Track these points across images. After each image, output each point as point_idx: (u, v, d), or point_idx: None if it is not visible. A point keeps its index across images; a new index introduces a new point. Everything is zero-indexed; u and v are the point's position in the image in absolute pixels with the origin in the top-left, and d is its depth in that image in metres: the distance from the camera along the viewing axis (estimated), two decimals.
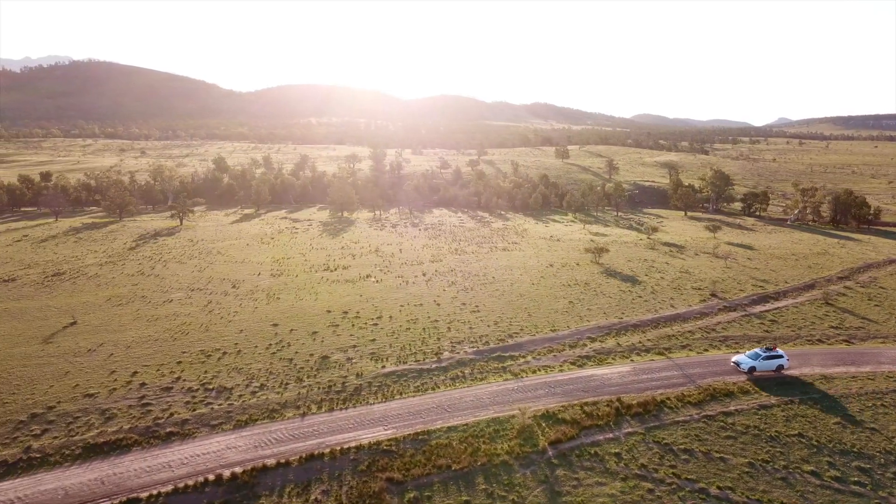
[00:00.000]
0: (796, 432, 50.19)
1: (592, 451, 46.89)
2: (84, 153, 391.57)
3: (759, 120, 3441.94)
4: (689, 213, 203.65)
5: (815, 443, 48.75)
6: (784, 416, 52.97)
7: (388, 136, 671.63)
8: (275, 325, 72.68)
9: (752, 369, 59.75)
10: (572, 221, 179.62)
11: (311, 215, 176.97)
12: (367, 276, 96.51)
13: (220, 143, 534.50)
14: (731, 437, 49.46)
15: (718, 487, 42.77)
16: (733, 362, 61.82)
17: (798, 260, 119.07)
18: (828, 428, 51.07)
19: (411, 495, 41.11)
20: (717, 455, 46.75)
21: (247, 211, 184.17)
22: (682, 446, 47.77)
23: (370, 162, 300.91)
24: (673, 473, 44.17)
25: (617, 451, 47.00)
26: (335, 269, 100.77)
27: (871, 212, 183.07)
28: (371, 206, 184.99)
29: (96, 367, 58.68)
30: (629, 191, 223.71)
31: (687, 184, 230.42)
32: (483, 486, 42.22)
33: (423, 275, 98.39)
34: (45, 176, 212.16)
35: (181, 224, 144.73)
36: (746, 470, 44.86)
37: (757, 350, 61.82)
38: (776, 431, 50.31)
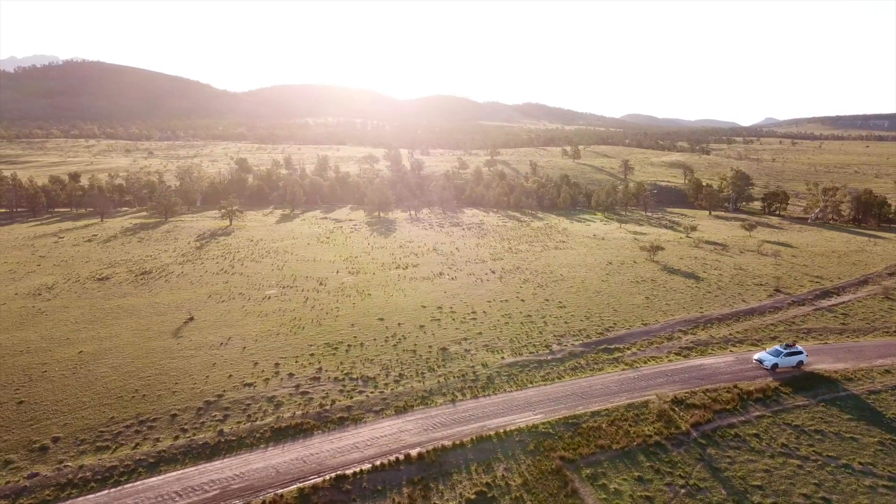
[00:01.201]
0: None
1: (732, 433, 50.68)
2: (91, 154, 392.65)
3: (746, 120, 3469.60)
4: (713, 213, 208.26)
5: None
6: (895, 400, 56.95)
7: (386, 137, 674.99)
8: (381, 319, 76.06)
9: (776, 366, 61.70)
10: (605, 220, 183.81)
11: (348, 215, 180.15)
12: (440, 274, 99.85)
13: (224, 144, 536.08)
14: (853, 419, 53.38)
15: (860, 463, 46.63)
16: (756, 359, 63.59)
17: (840, 257, 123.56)
18: None
19: (587, 472, 44.83)
20: (848, 435, 50.70)
21: (282, 211, 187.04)
22: (811, 427, 51.69)
23: (387, 163, 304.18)
24: (814, 451, 48.06)
25: (754, 432, 50.84)
26: (406, 268, 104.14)
27: (893, 211, 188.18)
28: (406, 206, 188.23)
29: (238, 359, 61.89)
30: (649, 190, 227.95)
31: (705, 183, 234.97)
32: (648, 464, 45.94)
33: (493, 272, 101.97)
34: (74, 177, 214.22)
35: (231, 224, 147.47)
36: (879, 448, 48.79)
37: (777, 347, 63.78)
38: (893, 413, 54.25)
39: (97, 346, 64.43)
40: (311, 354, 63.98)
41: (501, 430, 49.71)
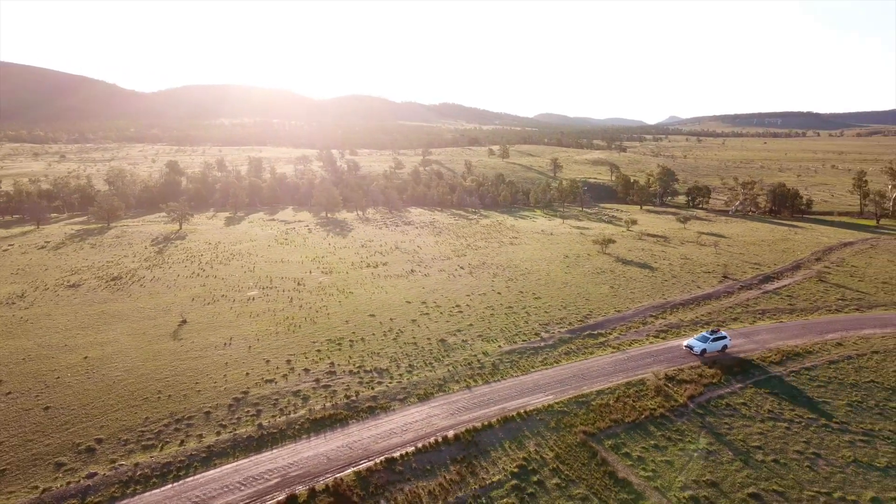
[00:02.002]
0: (869, 380, 61.69)
1: (724, 403, 56.54)
2: None
3: (651, 118, 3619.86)
4: (643, 207, 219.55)
5: (888, 386, 60.35)
6: (853, 367, 64.50)
7: (306, 137, 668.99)
8: (372, 315, 78.57)
9: (704, 351, 65.25)
10: (546, 217, 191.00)
11: (294, 217, 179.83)
12: (412, 272, 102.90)
13: (140, 146, 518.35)
14: (821, 385, 60.38)
15: (836, 422, 53.25)
16: (685, 346, 66.77)
17: (769, 245, 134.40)
18: (890, 374, 62.87)
19: (609, 443, 49.40)
20: (820, 399, 57.51)
21: (226, 214, 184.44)
22: (788, 395, 58.21)
23: (319, 163, 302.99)
24: (796, 415, 54.42)
25: (742, 401, 56.88)
26: (376, 266, 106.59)
27: (804, 203, 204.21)
28: (352, 206, 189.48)
29: (248, 358, 63.29)
30: (582, 188, 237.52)
31: (633, 180, 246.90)
32: (659, 433, 50.98)
33: (462, 268, 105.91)
34: None
35: (181, 228, 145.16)
36: (849, 409, 55.66)
37: (704, 333, 67.28)
38: (853, 380, 61.63)
39: (100, 351, 64.13)
40: (318, 351, 65.90)
41: (522, 411, 53.54)
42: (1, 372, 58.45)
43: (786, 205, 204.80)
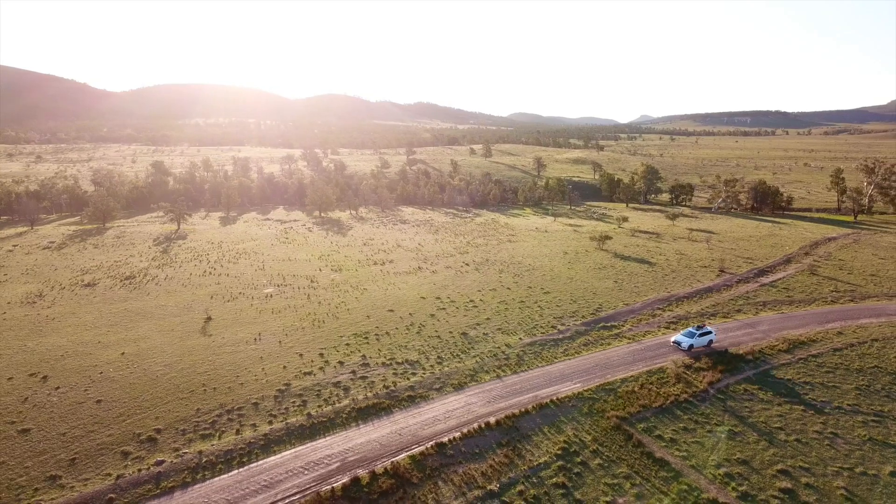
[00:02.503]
0: (873, 365, 65.42)
1: (741, 388, 59.73)
2: None
3: (623, 117, 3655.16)
4: (629, 205, 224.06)
5: (892, 371, 64.11)
6: (856, 354, 68.23)
7: (283, 136, 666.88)
8: (391, 310, 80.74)
9: (692, 346, 66.57)
10: (537, 215, 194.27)
11: (288, 216, 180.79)
12: (419, 269, 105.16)
13: (116, 146, 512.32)
14: (829, 371, 63.88)
15: (848, 405, 56.74)
16: (673, 342, 68.18)
17: (758, 241, 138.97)
18: (891, 360, 66.68)
19: (641, 426, 52.26)
20: (830, 384, 60.97)
21: (218, 214, 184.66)
22: (800, 380, 61.62)
23: (303, 163, 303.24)
24: (810, 398, 57.81)
25: (757, 387, 60.13)
26: (383, 264, 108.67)
27: (784, 200, 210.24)
28: (344, 205, 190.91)
29: (281, 352, 65.14)
30: (567, 186, 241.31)
31: (617, 178, 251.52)
32: (686, 417, 54.00)
33: (467, 265, 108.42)
34: None
35: (178, 228, 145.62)
36: (857, 393, 59.17)
37: (691, 329, 68.71)
38: (858, 366, 65.30)
39: (134, 347, 65.45)
40: (347, 344, 67.92)
41: (554, 398, 56.21)
42: (44, 368, 59.55)
43: (767, 202, 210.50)
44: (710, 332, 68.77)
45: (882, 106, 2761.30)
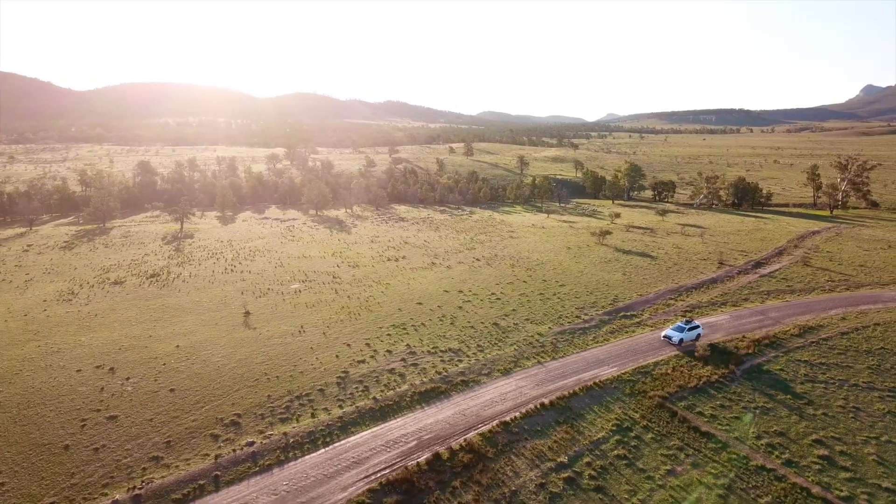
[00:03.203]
0: (880, 347, 70.70)
1: (764, 369, 64.40)
2: None
3: (591, 115, 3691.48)
4: (615, 202, 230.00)
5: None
6: (862, 338, 73.51)
7: (256, 136, 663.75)
8: (419, 303, 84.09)
9: (682, 340, 68.63)
10: (528, 212, 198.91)
11: (285, 215, 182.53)
12: (433, 264, 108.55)
13: (88, 146, 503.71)
14: (841, 353, 68.90)
15: (864, 382, 61.80)
16: (664, 336, 69.89)
17: (747, 234, 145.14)
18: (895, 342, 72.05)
19: (682, 404, 56.55)
20: (844, 364, 66.00)
21: (214, 213, 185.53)
22: (816, 361, 66.54)
23: (286, 162, 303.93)
24: (828, 377, 62.72)
25: (779, 367, 64.90)
26: (397, 260, 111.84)
27: (763, 195, 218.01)
28: (338, 204, 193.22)
29: (329, 343, 68.10)
30: (552, 184, 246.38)
31: (601, 175, 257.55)
32: (720, 395, 58.46)
33: (477, 260, 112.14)
34: None
35: (182, 227, 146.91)
36: (870, 371, 64.24)
37: (680, 324, 70.68)
38: (866, 348, 70.51)
39: (186, 340, 67.83)
40: (388, 335, 71.16)
41: (597, 381, 60.23)
42: (107, 360, 61.73)
43: (746, 198, 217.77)
44: (697, 327, 70.98)
45: (840, 104, 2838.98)
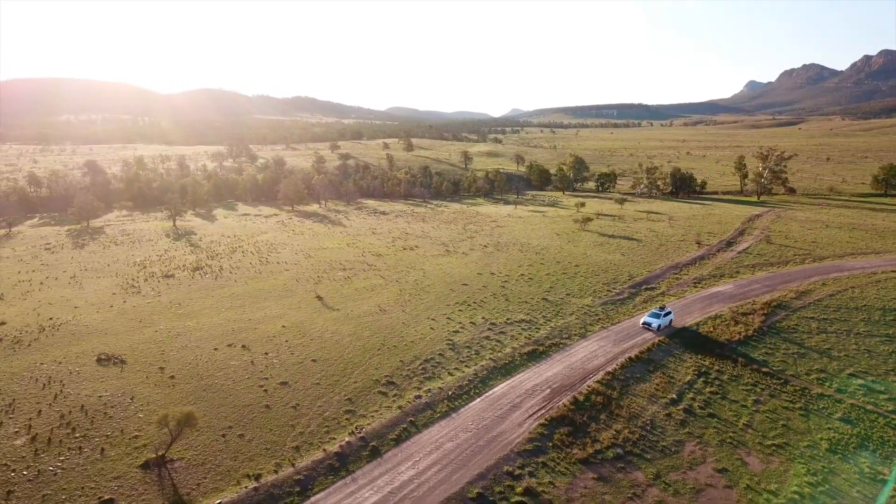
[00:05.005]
0: (864, 304, 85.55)
1: (782, 326, 77.48)
2: None
3: (496, 111, 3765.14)
4: (566, 193, 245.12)
5: (878, 307, 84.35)
6: (847, 297, 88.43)
7: (173, 134, 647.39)
8: (465, 284, 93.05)
9: (660, 326, 73.05)
10: (493, 204, 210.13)
11: (261, 211, 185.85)
12: (448, 252, 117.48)
13: None
14: (835, 311, 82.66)
15: (863, 331, 75.90)
16: (643, 324, 73.68)
17: (703, 218, 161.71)
18: (874, 299, 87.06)
19: (740, 350, 68.83)
20: (842, 319, 79.82)
21: (190, 212, 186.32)
22: (820, 317, 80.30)
23: (229, 160, 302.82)
24: (836, 329, 76.45)
25: (794, 324, 78.25)
26: (413, 249, 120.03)
27: (699, 184, 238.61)
28: (308, 200, 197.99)
29: (413, 319, 75.79)
30: (504, 177, 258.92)
31: (546, 168, 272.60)
32: (760, 346, 70.77)
33: (485, 247, 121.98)
34: None
35: (174, 224, 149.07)
36: (865, 322, 78.26)
37: (655, 311, 75.30)
38: (854, 305, 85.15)
39: (285, 321, 74.02)
40: (460, 311, 79.93)
41: (657, 342, 71.41)
42: (232, 339, 67.55)
43: (683, 187, 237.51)
44: (670, 313, 75.95)
45: (727, 99, 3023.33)
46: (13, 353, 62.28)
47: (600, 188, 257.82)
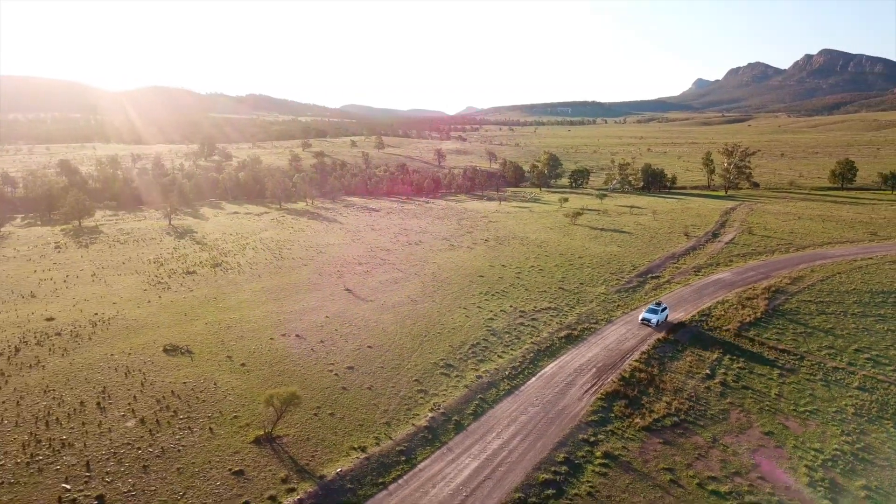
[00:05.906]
0: (854, 288, 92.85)
1: (784, 308, 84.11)
2: None
3: (451, 109, 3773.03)
4: (542, 189, 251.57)
5: (867, 290, 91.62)
6: (837, 282, 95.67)
7: (130, 132, 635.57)
8: (481, 276, 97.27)
9: (658, 322, 74.37)
10: (476, 200, 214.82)
11: (249, 209, 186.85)
12: (453, 246, 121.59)
13: None
14: (828, 294, 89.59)
15: (858, 312, 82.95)
16: (642, 320, 75.01)
17: (682, 212, 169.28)
18: (860, 283, 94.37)
19: (751, 333, 74.96)
20: (837, 301, 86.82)
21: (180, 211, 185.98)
22: (816, 300, 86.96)
23: (200, 159, 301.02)
24: (834, 311, 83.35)
25: (795, 306, 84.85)
26: (418, 244, 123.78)
27: (669, 179, 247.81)
28: (295, 198, 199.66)
29: (444, 308, 79.81)
30: (483, 175, 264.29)
31: (521, 165, 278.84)
32: (770, 326, 76.97)
33: (486, 241, 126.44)
34: None
35: (171, 223, 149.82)
36: (857, 304, 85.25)
37: (652, 306, 76.60)
38: (845, 289, 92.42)
39: (327, 311, 77.27)
40: (486, 300, 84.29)
41: (680, 321, 77.09)
42: (284, 330, 70.67)
43: (655, 182, 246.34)
44: (665, 308, 77.32)
45: (677, 96, 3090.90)
46: (77, 345, 64.17)
47: (574, 184, 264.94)
